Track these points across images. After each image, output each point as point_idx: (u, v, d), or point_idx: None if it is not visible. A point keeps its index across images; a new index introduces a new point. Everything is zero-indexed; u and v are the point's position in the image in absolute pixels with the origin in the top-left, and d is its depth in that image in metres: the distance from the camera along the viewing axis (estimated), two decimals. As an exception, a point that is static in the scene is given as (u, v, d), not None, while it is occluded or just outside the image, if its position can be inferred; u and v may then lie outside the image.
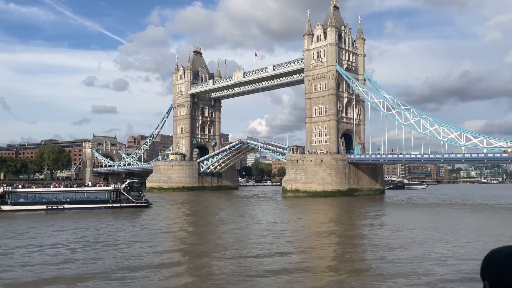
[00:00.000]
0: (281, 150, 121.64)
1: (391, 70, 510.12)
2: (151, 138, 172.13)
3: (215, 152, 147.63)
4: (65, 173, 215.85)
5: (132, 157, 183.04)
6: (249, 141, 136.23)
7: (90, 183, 79.23)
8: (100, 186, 66.94)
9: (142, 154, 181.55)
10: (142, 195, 65.94)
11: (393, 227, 41.97)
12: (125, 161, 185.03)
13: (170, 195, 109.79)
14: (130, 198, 62.85)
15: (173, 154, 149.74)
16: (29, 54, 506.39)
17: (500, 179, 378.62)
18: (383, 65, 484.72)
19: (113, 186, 64.64)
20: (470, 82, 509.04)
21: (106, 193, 62.72)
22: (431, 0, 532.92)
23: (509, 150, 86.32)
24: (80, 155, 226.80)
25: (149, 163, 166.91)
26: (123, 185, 64.64)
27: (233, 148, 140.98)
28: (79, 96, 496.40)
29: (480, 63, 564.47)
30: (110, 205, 61.42)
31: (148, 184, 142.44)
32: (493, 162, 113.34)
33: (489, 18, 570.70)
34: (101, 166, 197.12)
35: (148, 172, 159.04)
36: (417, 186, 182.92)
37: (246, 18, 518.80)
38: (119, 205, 61.76)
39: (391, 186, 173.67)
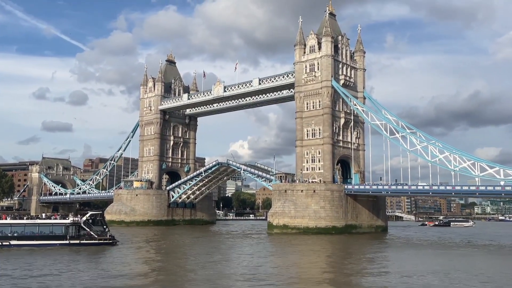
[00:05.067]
0: (268, 176, 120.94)
1: (392, 88, 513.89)
2: (112, 162, 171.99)
3: (189, 177, 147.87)
4: (5, 202, 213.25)
5: (89, 183, 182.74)
6: (229, 162, 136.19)
7: (44, 215, 79.13)
8: (55, 218, 67.25)
9: (101, 181, 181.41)
10: (106, 230, 66.50)
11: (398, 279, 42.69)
12: (80, 189, 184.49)
13: (133, 231, 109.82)
14: (92, 233, 63.45)
15: (138, 181, 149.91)
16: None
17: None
18: (383, 82, 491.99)
19: (72, 218, 65.10)
20: (482, 104, 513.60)
21: (63, 227, 63.02)
22: (435, 12, 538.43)
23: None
24: (25, 180, 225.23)
25: (108, 191, 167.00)
26: (84, 218, 65.19)
27: (210, 171, 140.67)
28: (28, 110, 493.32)
29: (493, 83, 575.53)
30: (68, 241, 61.88)
31: (107, 216, 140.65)
32: None
33: (500, 34, 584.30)
34: (50, 194, 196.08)
35: (107, 202, 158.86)
36: (463, 223, 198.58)
37: (227, 25, 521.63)
38: (78, 241, 62.29)
39: (436, 223, 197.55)
